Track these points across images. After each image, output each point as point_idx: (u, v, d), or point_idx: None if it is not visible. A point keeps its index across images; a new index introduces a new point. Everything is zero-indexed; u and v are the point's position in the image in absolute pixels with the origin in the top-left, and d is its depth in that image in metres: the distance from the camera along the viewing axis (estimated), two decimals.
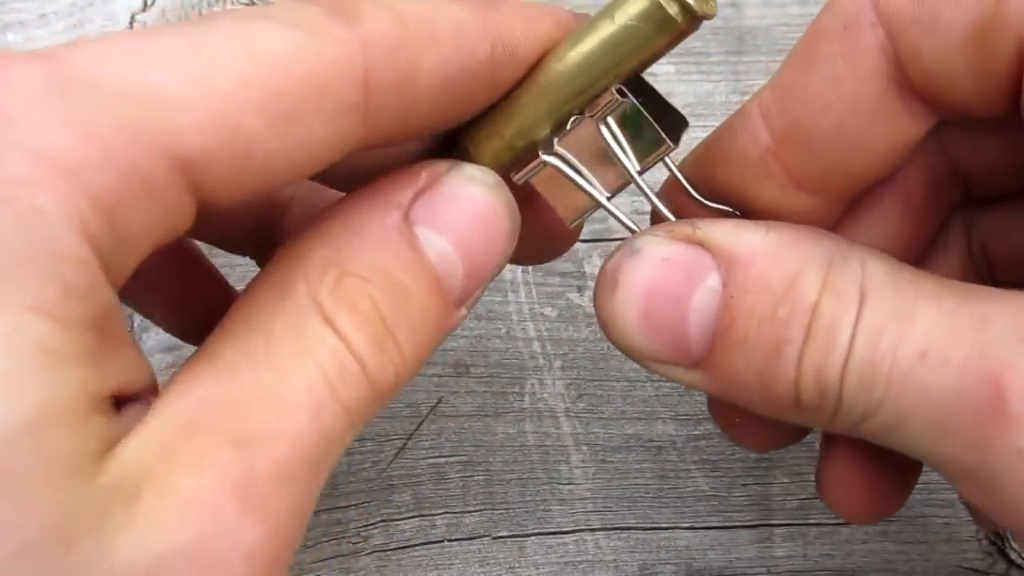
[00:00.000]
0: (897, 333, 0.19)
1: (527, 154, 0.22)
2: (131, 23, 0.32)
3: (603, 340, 0.31)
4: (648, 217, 0.23)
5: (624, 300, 0.22)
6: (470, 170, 0.21)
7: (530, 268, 0.32)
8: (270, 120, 0.17)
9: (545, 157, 0.22)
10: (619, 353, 0.31)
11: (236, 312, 0.19)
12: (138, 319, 0.30)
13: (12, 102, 0.16)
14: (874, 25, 0.20)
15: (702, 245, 0.21)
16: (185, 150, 0.17)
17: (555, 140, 0.22)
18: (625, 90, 0.21)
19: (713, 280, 0.21)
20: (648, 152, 0.22)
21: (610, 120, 0.21)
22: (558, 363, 0.31)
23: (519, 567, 0.30)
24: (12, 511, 0.15)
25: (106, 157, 0.16)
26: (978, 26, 0.19)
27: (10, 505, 0.15)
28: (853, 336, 0.20)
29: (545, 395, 0.31)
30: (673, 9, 0.21)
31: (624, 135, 0.22)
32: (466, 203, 0.21)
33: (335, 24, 0.18)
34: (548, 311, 0.32)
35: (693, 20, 0.21)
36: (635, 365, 0.31)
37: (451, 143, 0.22)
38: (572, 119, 0.21)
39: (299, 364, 0.18)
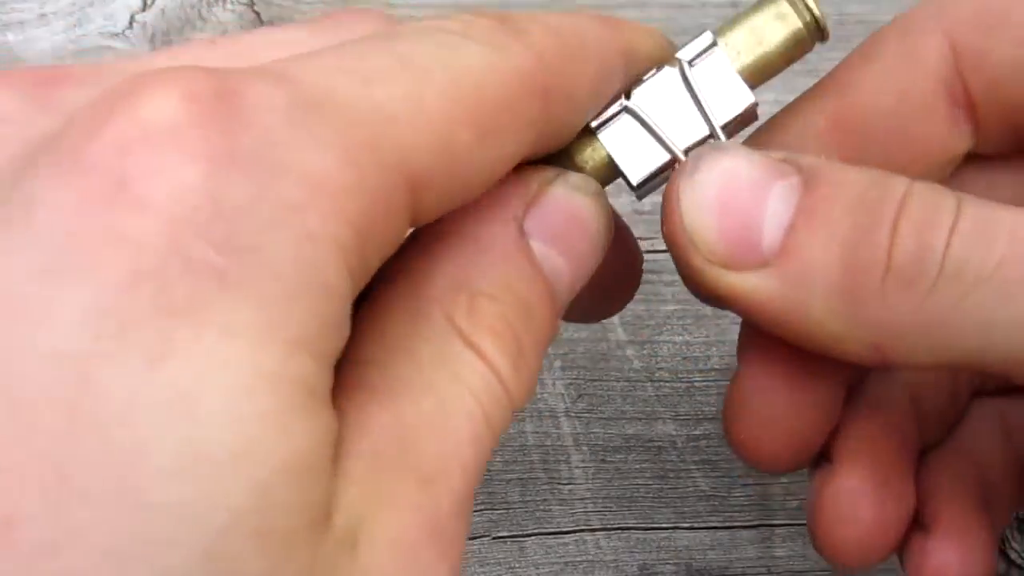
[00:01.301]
0: (1011, 211, 0.18)
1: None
2: (131, 23, 0.32)
3: (603, 340, 0.31)
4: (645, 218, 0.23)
5: (703, 179, 0.21)
6: (575, 179, 0.21)
7: None
8: (476, 136, 0.17)
9: (626, 103, 0.21)
10: (619, 353, 0.31)
11: (365, 332, 0.18)
12: None
13: (269, 121, 0.15)
14: (935, 32, 0.21)
15: (788, 160, 0.21)
16: (415, 169, 0.16)
17: (633, 89, 0.22)
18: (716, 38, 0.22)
19: (795, 180, 0.20)
20: (727, 110, 0.22)
21: (696, 68, 0.22)
22: (558, 363, 0.31)
23: (519, 567, 0.30)
24: (266, 566, 0.14)
25: (360, 179, 0.15)
26: None
27: (264, 559, 0.14)
28: (959, 208, 0.18)
29: (545, 395, 0.31)
30: (808, 42, 0.22)
31: (706, 88, 0.22)
32: (573, 214, 0.21)
33: (512, 38, 0.18)
34: None
35: (816, 41, 0.23)
36: (635, 365, 0.31)
37: None
38: (650, 72, 0.22)
39: (455, 392, 0.18)
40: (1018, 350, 0.18)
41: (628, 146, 0.22)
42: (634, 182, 0.22)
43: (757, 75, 0.22)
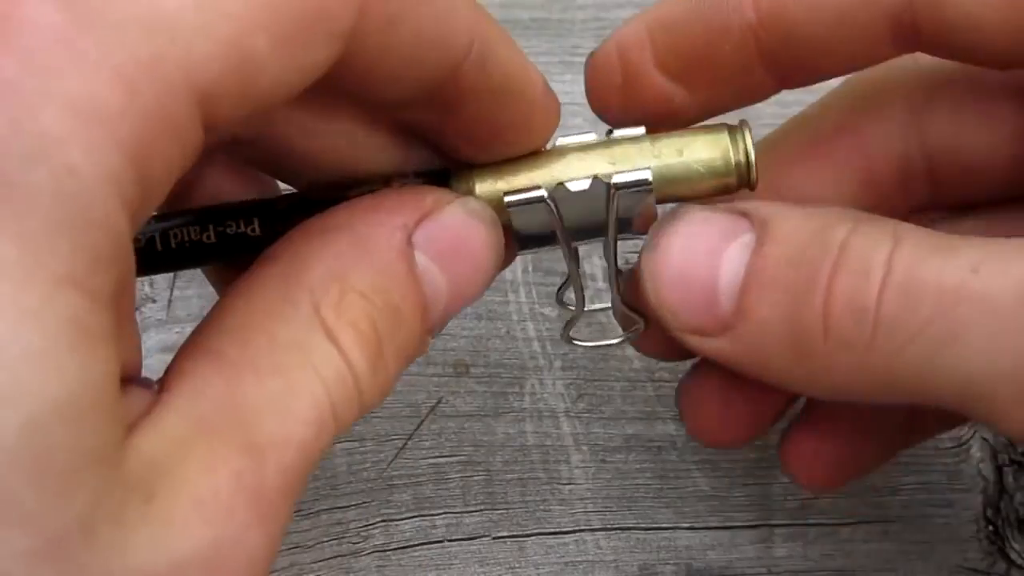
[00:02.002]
0: (940, 259, 0.19)
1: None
2: None
3: (603, 340, 0.31)
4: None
5: (663, 253, 0.22)
6: (473, 204, 0.22)
7: (530, 268, 0.32)
8: (275, 44, 0.16)
9: (545, 195, 0.22)
10: (619, 353, 0.31)
11: (235, 306, 0.19)
12: (139, 315, 0.30)
13: (37, 44, 0.14)
14: None
15: (740, 213, 0.22)
16: (203, 83, 0.16)
17: (562, 183, 0.22)
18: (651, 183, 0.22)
19: (748, 238, 0.21)
20: (624, 229, 0.23)
21: (620, 196, 0.22)
22: (558, 363, 0.31)
23: (519, 567, 0.30)
24: (42, 503, 0.14)
25: (133, 101, 0.15)
26: None
27: (41, 496, 0.14)
28: (890, 261, 0.19)
29: (545, 395, 0.31)
30: (732, 179, 0.22)
31: (623, 211, 0.23)
32: (465, 237, 0.21)
33: None
34: (548, 311, 0.32)
35: (742, 187, 0.23)
36: (635, 365, 0.31)
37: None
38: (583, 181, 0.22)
39: (305, 377, 0.18)
40: (954, 395, 0.19)
41: (529, 219, 0.22)
42: (519, 248, 0.23)
43: (671, 197, 0.23)
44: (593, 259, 0.32)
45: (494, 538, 0.30)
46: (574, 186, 0.22)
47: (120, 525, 0.15)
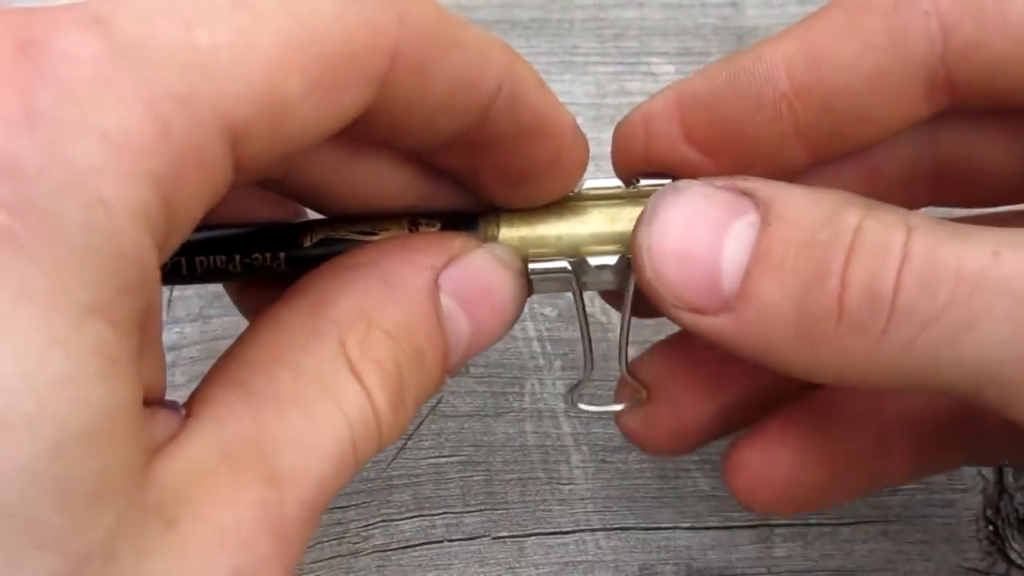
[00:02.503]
0: (959, 244, 0.19)
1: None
2: None
3: (603, 340, 0.31)
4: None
5: (662, 229, 0.21)
6: (500, 251, 0.22)
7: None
8: (308, 87, 0.16)
9: (568, 268, 0.23)
10: (619, 353, 0.31)
11: (263, 337, 0.19)
12: None
13: (74, 75, 0.15)
14: (928, 14, 0.20)
15: (744, 192, 0.21)
16: (235, 121, 0.16)
17: (589, 261, 0.23)
18: None
19: (752, 218, 0.21)
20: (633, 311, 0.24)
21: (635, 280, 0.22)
22: (558, 363, 0.31)
23: (519, 567, 0.30)
24: (67, 526, 0.14)
25: (165, 136, 0.15)
26: None
27: (66, 519, 0.14)
28: (907, 246, 0.19)
29: (545, 395, 0.31)
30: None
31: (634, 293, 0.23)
32: (490, 284, 0.21)
33: None
34: (548, 311, 0.32)
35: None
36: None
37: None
38: (608, 256, 0.23)
39: (328, 411, 0.18)
40: (967, 382, 0.19)
41: (549, 285, 0.23)
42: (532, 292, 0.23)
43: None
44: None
45: (494, 538, 0.30)
46: (596, 261, 0.23)
47: (141, 550, 0.15)
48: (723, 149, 0.22)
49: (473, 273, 0.21)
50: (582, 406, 0.26)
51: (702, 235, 0.21)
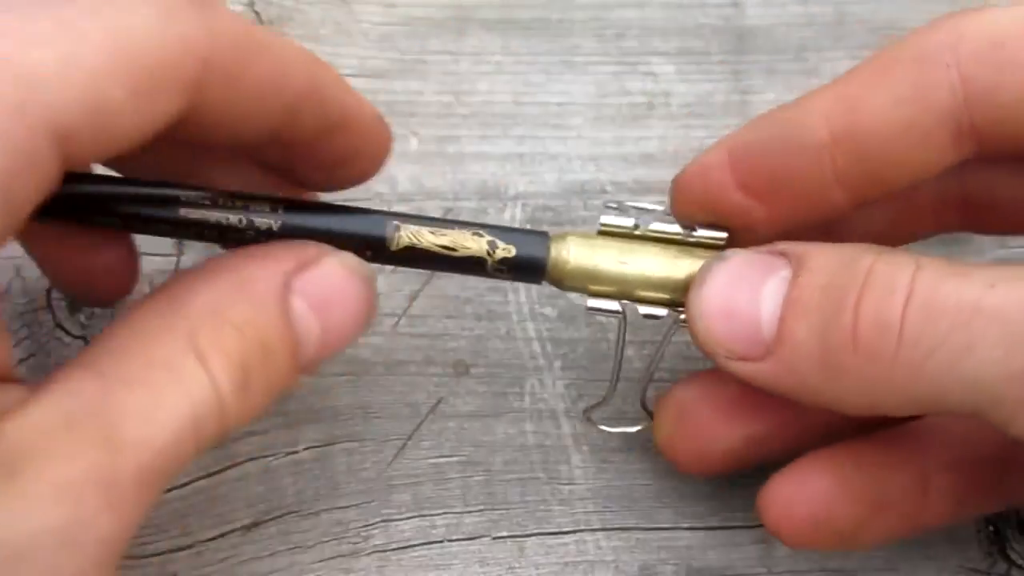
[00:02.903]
0: (959, 279, 0.21)
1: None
2: None
3: (603, 340, 0.31)
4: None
5: (708, 293, 0.25)
6: (351, 259, 0.24)
7: None
8: (129, 93, 0.19)
9: (623, 312, 0.26)
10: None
11: (118, 331, 0.21)
12: None
13: None
14: (949, 66, 0.23)
15: (779, 253, 0.24)
16: (63, 124, 0.19)
17: (639, 308, 0.26)
18: None
19: (785, 273, 0.24)
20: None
21: (680, 328, 0.26)
22: (558, 363, 0.31)
23: (519, 567, 0.30)
24: None
25: (1, 140, 0.18)
26: None
27: None
28: (912, 283, 0.22)
29: (545, 395, 0.31)
30: None
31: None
32: (340, 288, 0.24)
33: (187, 7, 0.20)
34: (548, 311, 0.32)
35: None
36: (635, 365, 0.31)
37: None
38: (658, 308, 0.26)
39: (172, 391, 0.20)
40: (972, 401, 0.21)
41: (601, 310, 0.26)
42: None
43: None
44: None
45: (494, 538, 0.30)
46: (645, 310, 0.26)
47: None
48: (772, 195, 0.25)
49: (323, 279, 0.23)
50: (600, 426, 0.29)
51: (743, 293, 0.24)
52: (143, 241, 0.32)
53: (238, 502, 0.30)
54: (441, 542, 0.30)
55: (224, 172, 0.25)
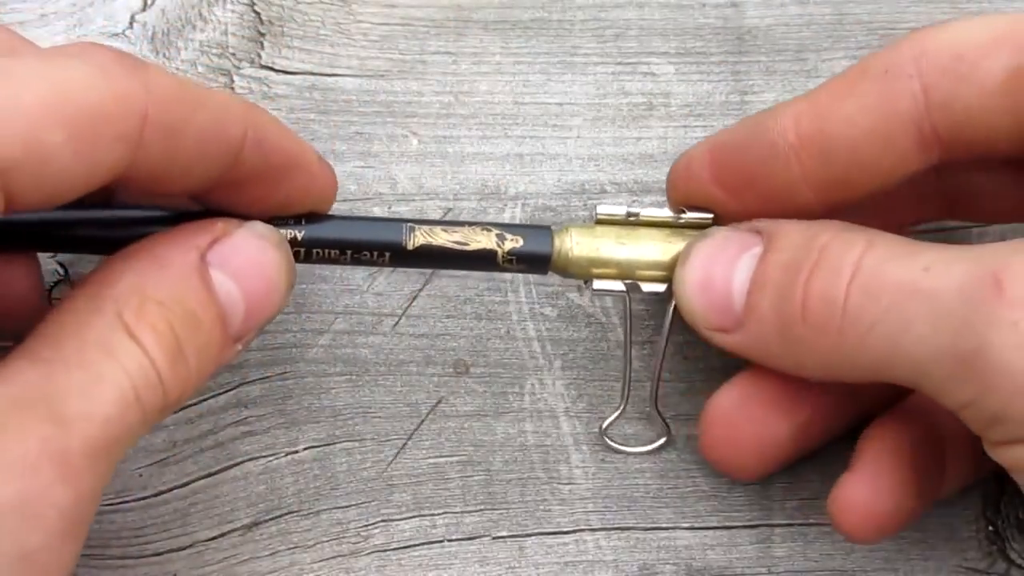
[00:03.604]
0: (900, 260, 0.23)
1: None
2: (131, 23, 0.32)
3: (603, 340, 0.31)
4: None
5: (690, 267, 0.27)
6: (260, 228, 0.25)
7: None
8: (65, 138, 0.20)
9: (626, 291, 0.28)
10: (619, 353, 0.31)
11: (52, 320, 0.22)
12: None
13: None
14: (912, 77, 0.24)
15: (756, 231, 0.26)
16: (2, 158, 0.20)
17: (641, 286, 0.28)
18: None
19: (757, 248, 0.26)
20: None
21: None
22: (558, 363, 0.31)
23: (519, 567, 0.30)
24: None
25: None
26: (1014, 73, 0.23)
27: None
28: (859, 262, 0.24)
29: (545, 395, 0.31)
30: None
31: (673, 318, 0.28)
32: (254, 255, 0.25)
33: (124, 68, 0.21)
34: (548, 311, 0.32)
35: None
36: (635, 365, 0.31)
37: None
38: (658, 284, 0.28)
39: (109, 367, 0.22)
40: (911, 374, 0.23)
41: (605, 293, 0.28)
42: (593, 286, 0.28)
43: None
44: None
45: (494, 538, 0.30)
46: (647, 287, 0.28)
47: None
48: (744, 191, 0.27)
49: (236, 248, 0.25)
50: (614, 445, 0.30)
51: (719, 268, 0.26)
52: None
53: (238, 502, 0.30)
54: (441, 542, 0.30)
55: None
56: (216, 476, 0.30)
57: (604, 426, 0.30)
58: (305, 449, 0.31)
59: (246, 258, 0.25)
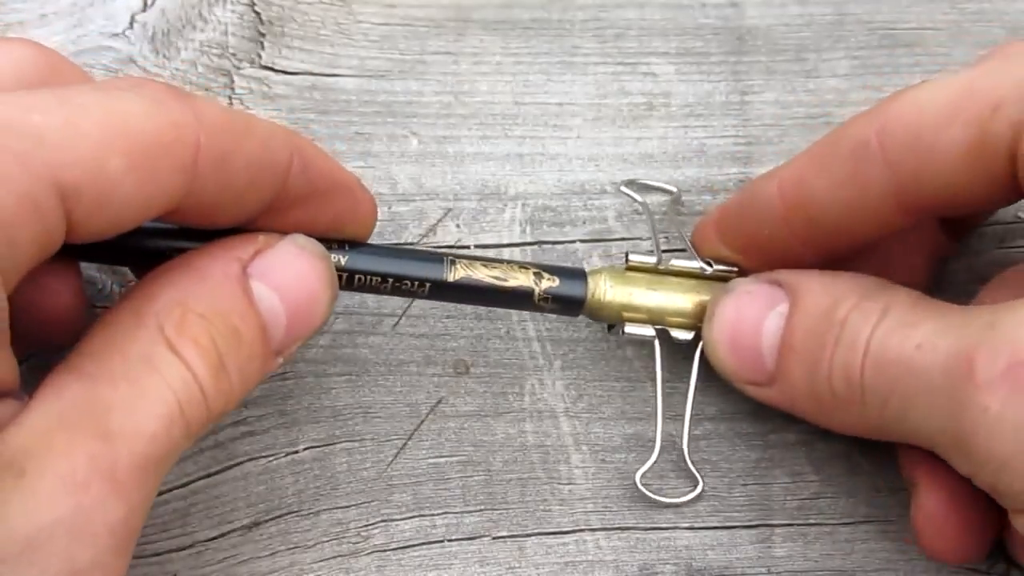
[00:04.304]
0: (903, 334, 0.24)
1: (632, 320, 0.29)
2: (131, 23, 0.32)
3: (603, 340, 0.31)
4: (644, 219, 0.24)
5: (718, 327, 0.28)
6: (302, 240, 0.25)
7: None
8: (127, 165, 0.20)
9: (656, 340, 0.29)
10: (619, 353, 0.31)
11: (94, 335, 0.23)
12: None
13: None
14: (877, 155, 0.25)
15: (778, 284, 0.27)
16: (64, 180, 0.20)
17: (671, 332, 0.29)
18: None
19: (782, 307, 0.27)
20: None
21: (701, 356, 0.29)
22: (558, 363, 0.31)
23: (519, 567, 0.30)
24: None
25: (5, 182, 0.19)
26: (972, 145, 0.24)
27: None
28: (869, 339, 0.25)
29: (545, 395, 0.31)
30: None
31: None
32: (296, 267, 0.25)
33: (175, 99, 0.22)
34: None
35: None
36: (635, 365, 0.31)
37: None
38: (686, 332, 0.29)
39: (153, 381, 0.22)
40: (926, 443, 0.25)
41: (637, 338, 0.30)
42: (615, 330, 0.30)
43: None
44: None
45: (494, 538, 0.30)
46: (677, 335, 0.29)
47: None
48: (748, 251, 0.29)
49: (279, 260, 0.25)
50: (651, 495, 0.30)
51: (746, 326, 0.27)
52: None
53: (238, 502, 0.30)
54: (441, 542, 0.30)
55: None
56: (216, 476, 0.30)
57: (639, 476, 0.30)
58: (305, 449, 0.31)
59: (288, 270, 0.25)
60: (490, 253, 0.32)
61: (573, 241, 0.32)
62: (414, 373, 0.31)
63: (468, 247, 0.32)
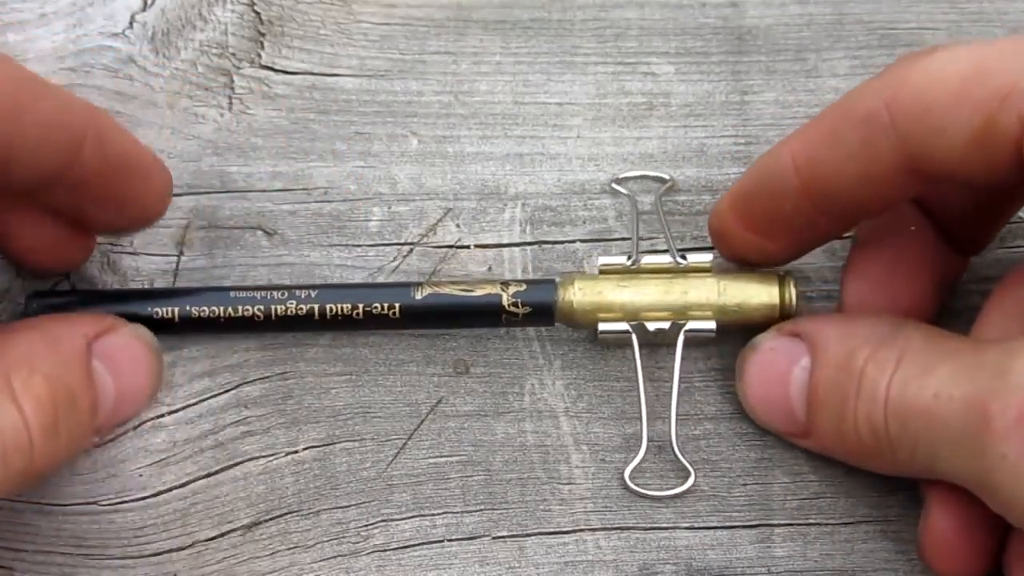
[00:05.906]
0: (919, 383, 0.25)
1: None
2: (131, 23, 0.32)
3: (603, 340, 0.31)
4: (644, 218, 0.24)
5: (747, 385, 0.30)
6: (143, 331, 0.28)
7: (530, 268, 0.32)
8: None
9: (632, 335, 0.30)
10: (619, 353, 0.31)
11: None
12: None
13: None
14: (887, 128, 0.25)
15: (798, 335, 0.28)
16: None
17: (647, 325, 0.29)
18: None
19: (805, 361, 0.28)
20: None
21: (687, 335, 0.30)
22: (558, 363, 0.31)
23: (519, 567, 0.30)
24: None
25: None
26: (978, 130, 0.24)
27: None
28: (888, 389, 0.26)
29: (545, 395, 0.31)
30: (776, 316, 0.30)
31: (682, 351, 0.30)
32: (132, 355, 0.28)
33: None
34: None
35: (783, 318, 0.30)
36: (636, 365, 0.31)
37: None
38: (662, 322, 0.29)
39: None
40: (963, 483, 0.25)
41: (614, 338, 0.30)
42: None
43: (728, 326, 0.30)
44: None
45: (494, 538, 0.30)
46: (652, 326, 0.29)
47: None
48: (770, 231, 0.28)
49: (119, 344, 0.27)
50: (639, 490, 0.30)
51: (774, 385, 0.29)
52: (141, 239, 0.32)
53: (238, 502, 0.30)
54: (441, 542, 0.30)
55: (18, 222, 0.28)
56: (216, 476, 0.30)
57: (628, 472, 0.30)
58: (305, 449, 0.31)
59: (125, 355, 0.27)
60: (490, 253, 0.32)
61: (573, 241, 0.32)
62: (414, 373, 0.31)
63: (468, 247, 0.32)
